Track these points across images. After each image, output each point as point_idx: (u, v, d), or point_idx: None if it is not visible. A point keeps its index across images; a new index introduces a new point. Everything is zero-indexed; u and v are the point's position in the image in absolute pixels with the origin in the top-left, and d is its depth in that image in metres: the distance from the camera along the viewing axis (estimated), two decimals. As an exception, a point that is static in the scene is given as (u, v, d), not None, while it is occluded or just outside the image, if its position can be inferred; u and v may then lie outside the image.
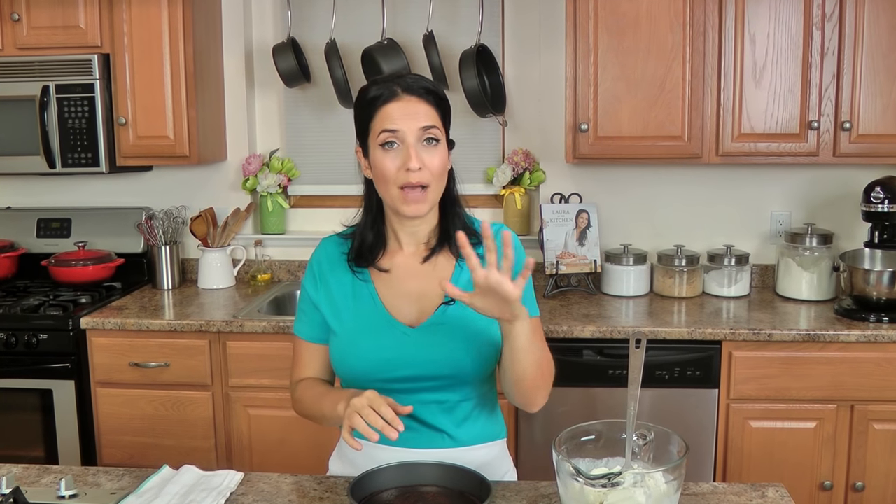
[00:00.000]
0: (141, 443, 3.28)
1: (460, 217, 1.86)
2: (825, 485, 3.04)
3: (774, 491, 1.76)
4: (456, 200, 1.86)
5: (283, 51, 3.63)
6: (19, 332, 3.26)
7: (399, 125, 1.72)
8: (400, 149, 1.73)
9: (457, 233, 1.61)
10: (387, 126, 1.73)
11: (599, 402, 3.08)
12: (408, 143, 1.72)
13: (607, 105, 3.27)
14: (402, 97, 1.74)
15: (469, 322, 1.79)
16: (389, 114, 1.73)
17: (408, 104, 1.74)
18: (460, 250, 1.58)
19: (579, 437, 1.60)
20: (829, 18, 3.14)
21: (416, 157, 1.71)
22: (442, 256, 1.85)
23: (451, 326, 1.79)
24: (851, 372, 2.98)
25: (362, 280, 1.86)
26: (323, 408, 1.80)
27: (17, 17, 3.45)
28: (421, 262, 1.85)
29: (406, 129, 1.72)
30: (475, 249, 1.81)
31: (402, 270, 1.85)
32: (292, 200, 3.96)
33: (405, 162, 1.72)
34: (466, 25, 3.67)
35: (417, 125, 1.73)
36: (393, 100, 1.74)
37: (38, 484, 1.85)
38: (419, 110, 1.74)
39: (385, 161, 1.73)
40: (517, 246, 1.82)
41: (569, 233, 3.55)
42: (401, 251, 1.86)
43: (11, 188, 4.03)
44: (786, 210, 3.65)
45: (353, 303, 1.84)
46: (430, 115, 1.75)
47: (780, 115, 3.21)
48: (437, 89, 1.80)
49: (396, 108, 1.73)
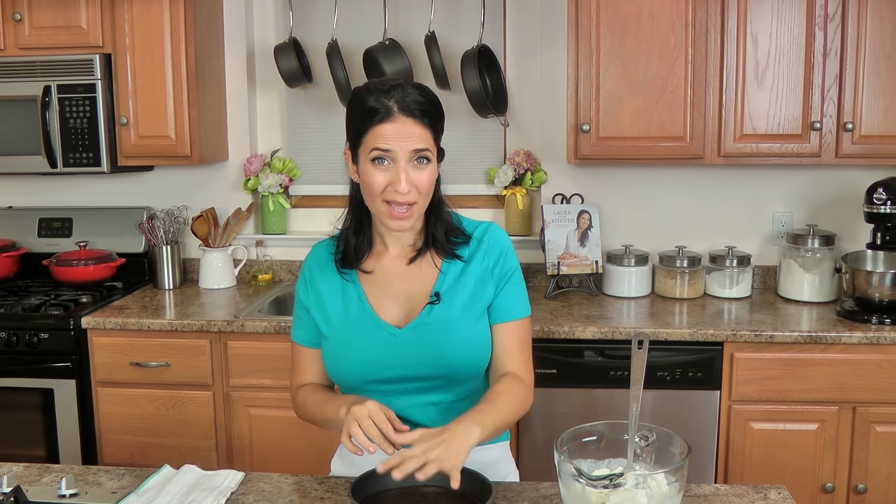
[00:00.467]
0: (142, 442, 3.28)
1: (445, 219, 1.86)
2: (827, 487, 3.03)
3: (777, 493, 1.76)
4: (440, 203, 1.86)
5: (285, 51, 3.63)
6: (20, 331, 3.26)
7: (392, 146, 1.71)
8: (390, 167, 1.72)
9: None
10: (379, 145, 1.72)
11: (601, 403, 3.07)
12: (399, 164, 1.72)
13: (609, 105, 3.27)
14: (398, 118, 1.72)
15: (455, 321, 1.80)
16: (383, 133, 1.72)
17: (402, 126, 1.72)
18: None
19: (581, 438, 1.59)
20: (832, 19, 3.14)
21: (406, 180, 1.71)
22: (427, 258, 1.85)
23: (437, 326, 1.80)
24: (853, 374, 2.97)
25: (349, 281, 1.86)
26: (326, 412, 1.80)
27: (18, 17, 3.45)
28: (407, 264, 1.86)
29: (398, 150, 1.71)
30: (460, 249, 1.83)
31: (389, 272, 1.86)
32: (293, 200, 3.95)
33: (394, 182, 1.71)
34: (468, 26, 3.67)
35: (410, 147, 1.72)
36: (388, 120, 1.72)
37: (38, 483, 1.85)
38: (413, 133, 1.72)
39: (375, 176, 1.73)
40: (508, 249, 1.86)
41: (570, 233, 3.55)
42: (387, 253, 1.87)
43: (13, 188, 4.03)
44: (788, 211, 3.65)
45: (342, 305, 1.86)
46: (423, 137, 1.74)
47: (783, 115, 3.21)
48: (433, 105, 1.77)
49: (391, 129, 1.71)
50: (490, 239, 1.87)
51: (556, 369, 3.03)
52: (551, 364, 3.04)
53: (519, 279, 1.89)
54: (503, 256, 1.86)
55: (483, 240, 1.87)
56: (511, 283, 1.86)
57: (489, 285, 1.84)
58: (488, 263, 1.85)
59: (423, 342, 1.79)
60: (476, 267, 1.84)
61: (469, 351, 1.81)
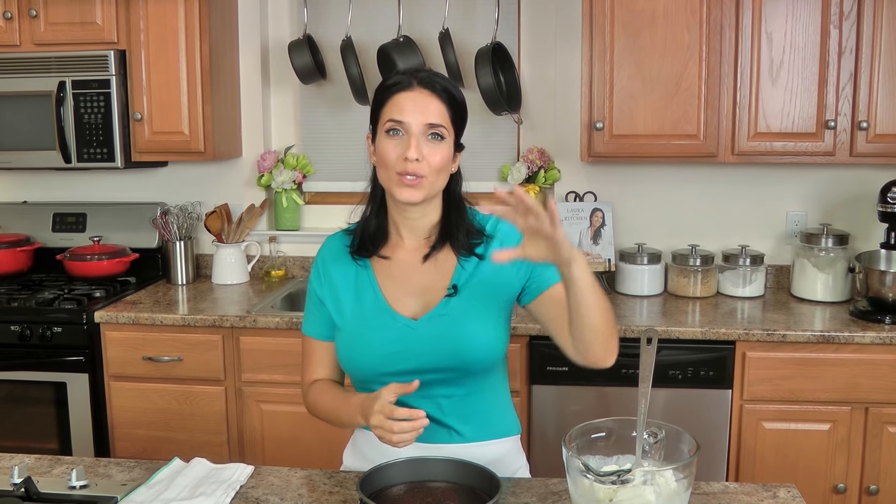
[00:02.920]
0: (153, 436, 3.30)
1: (464, 215, 1.86)
2: (839, 487, 3.02)
3: (786, 491, 1.75)
4: (460, 200, 1.87)
5: (299, 47, 3.63)
6: (34, 325, 3.28)
7: (406, 117, 1.73)
8: (403, 138, 1.74)
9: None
10: (394, 116, 1.74)
11: (613, 400, 3.07)
12: (412, 133, 1.73)
13: (623, 103, 3.26)
14: (416, 89, 1.75)
15: (472, 314, 1.80)
16: (400, 103, 1.75)
17: (419, 96, 1.75)
18: (506, 202, 1.51)
19: (590, 435, 1.59)
20: (847, 17, 3.12)
21: (416, 149, 1.72)
22: (443, 253, 1.85)
23: (454, 318, 1.79)
24: (866, 374, 2.96)
25: (363, 269, 1.86)
26: (341, 416, 1.83)
27: (34, 13, 3.47)
28: (423, 258, 1.85)
29: (412, 122, 1.73)
30: (478, 249, 1.83)
31: (405, 264, 1.86)
32: (307, 197, 3.96)
33: (405, 151, 1.73)
34: (482, 23, 3.67)
35: (425, 120, 1.74)
36: (406, 89, 1.75)
37: (49, 474, 1.86)
38: (430, 105, 1.75)
39: (387, 147, 1.75)
40: (512, 232, 1.79)
41: (583, 231, 3.55)
42: (402, 245, 1.87)
43: (27, 183, 4.05)
44: (801, 210, 3.63)
45: (356, 296, 1.85)
46: (439, 112, 1.76)
47: (797, 114, 3.19)
48: (455, 90, 1.80)
49: (408, 99, 1.74)
50: (503, 229, 1.86)
51: (567, 367, 3.02)
52: (563, 361, 2.99)
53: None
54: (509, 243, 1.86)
55: (496, 232, 1.86)
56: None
57: (511, 275, 1.82)
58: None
59: (439, 334, 1.79)
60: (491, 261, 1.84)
61: (485, 343, 1.81)
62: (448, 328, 1.79)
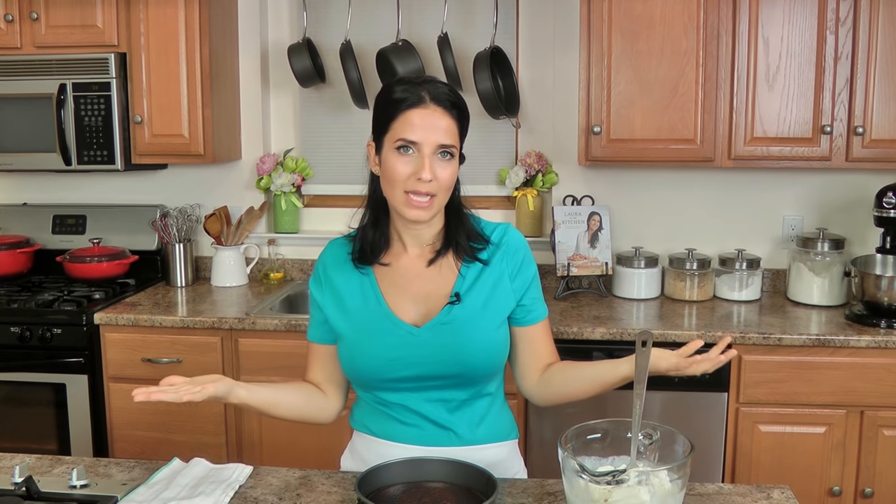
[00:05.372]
0: (152, 438, 3.31)
1: (466, 223, 1.87)
2: (834, 491, 3.03)
3: (780, 493, 1.77)
4: (460, 206, 1.87)
5: (299, 51, 3.65)
6: (34, 326, 3.29)
7: (419, 136, 1.72)
8: (415, 156, 1.73)
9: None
10: (407, 134, 1.72)
11: (609, 403, 3.05)
12: (423, 153, 1.72)
13: (620, 108, 3.27)
14: (429, 106, 1.73)
15: (474, 321, 1.81)
16: (412, 121, 1.72)
17: (432, 114, 1.73)
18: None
19: (585, 436, 1.61)
20: (844, 22, 3.14)
21: (430, 170, 1.71)
22: (446, 260, 1.86)
23: (456, 325, 1.80)
24: (861, 377, 2.97)
25: (366, 276, 1.87)
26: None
27: (35, 15, 3.48)
28: (426, 265, 1.86)
29: (425, 142, 1.72)
30: (481, 254, 1.84)
31: (407, 271, 1.86)
32: (306, 200, 3.98)
33: (417, 171, 1.72)
34: (481, 27, 3.69)
35: (437, 140, 1.72)
36: (418, 106, 1.73)
37: (50, 474, 1.87)
38: (441, 125, 1.73)
39: (398, 164, 1.73)
40: (527, 252, 1.89)
41: (581, 235, 3.56)
42: (405, 253, 1.87)
43: (28, 184, 4.06)
44: (798, 214, 3.65)
45: (360, 303, 1.86)
46: (450, 131, 1.75)
47: (793, 119, 3.21)
48: (462, 102, 1.79)
49: (420, 117, 1.72)
50: (508, 241, 1.87)
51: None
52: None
53: (538, 281, 1.92)
54: (525, 261, 1.88)
55: (501, 242, 1.87)
56: (534, 285, 1.89)
57: (508, 287, 1.85)
58: (508, 266, 1.85)
59: (441, 342, 1.80)
60: (495, 269, 1.85)
61: (487, 351, 1.83)
62: (451, 336, 1.80)
